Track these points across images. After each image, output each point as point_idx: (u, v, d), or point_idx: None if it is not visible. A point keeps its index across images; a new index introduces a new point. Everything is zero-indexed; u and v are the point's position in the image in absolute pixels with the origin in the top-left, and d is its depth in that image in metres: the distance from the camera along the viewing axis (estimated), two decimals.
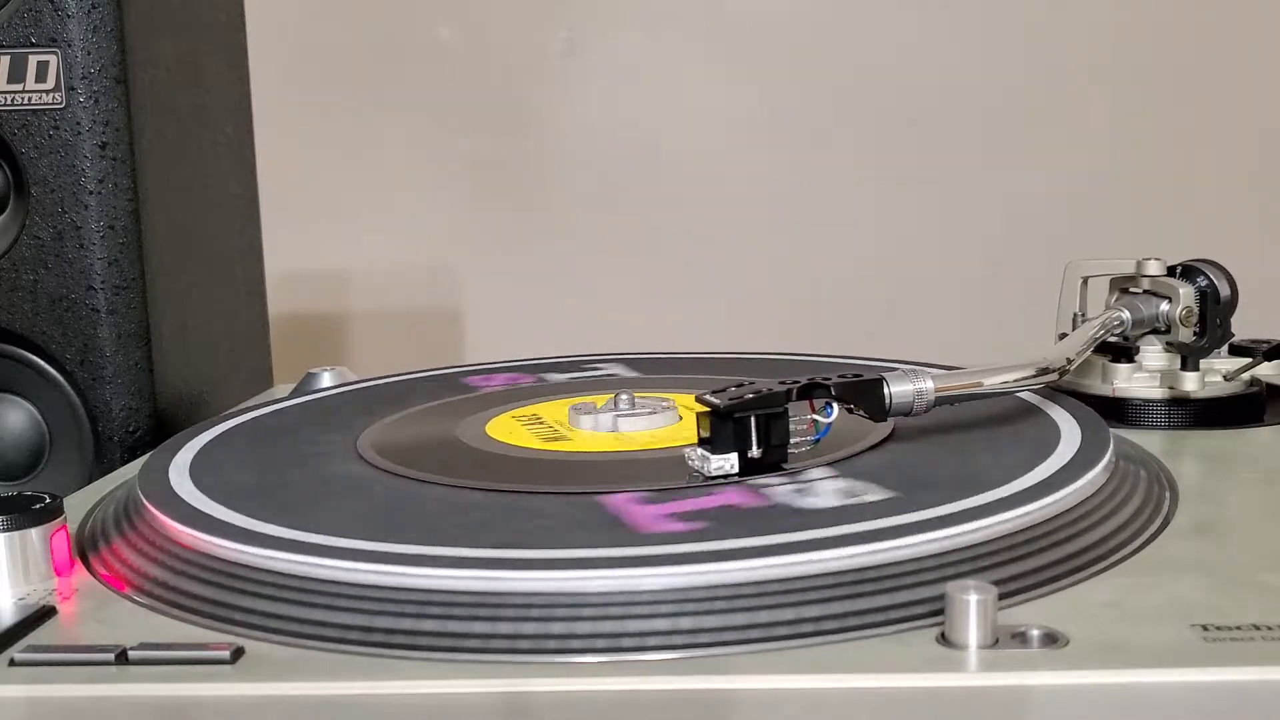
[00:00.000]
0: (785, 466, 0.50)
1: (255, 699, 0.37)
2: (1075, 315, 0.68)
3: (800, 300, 1.23)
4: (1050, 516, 0.45)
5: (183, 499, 0.50)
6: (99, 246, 0.71)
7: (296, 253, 1.15)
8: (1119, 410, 0.64)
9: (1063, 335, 0.67)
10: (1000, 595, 0.38)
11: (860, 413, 0.52)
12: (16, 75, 0.70)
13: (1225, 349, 0.66)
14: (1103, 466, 0.49)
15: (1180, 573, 0.43)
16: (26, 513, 0.45)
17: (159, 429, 0.73)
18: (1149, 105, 1.20)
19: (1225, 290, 0.64)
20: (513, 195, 1.24)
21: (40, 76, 0.70)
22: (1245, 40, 1.19)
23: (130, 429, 0.72)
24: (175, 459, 0.56)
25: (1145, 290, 0.66)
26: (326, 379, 0.75)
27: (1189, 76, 1.20)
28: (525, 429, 0.60)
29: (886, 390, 0.52)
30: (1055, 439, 0.53)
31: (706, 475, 0.49)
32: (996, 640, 0.37)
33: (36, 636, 0.41)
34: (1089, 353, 0.62)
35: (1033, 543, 0.43)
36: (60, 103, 0.70)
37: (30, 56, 0.70)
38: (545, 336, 1.18)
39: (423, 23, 1.23)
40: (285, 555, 0.43)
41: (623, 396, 0.60)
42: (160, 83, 0.76)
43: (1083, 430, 0.54)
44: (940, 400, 0.53)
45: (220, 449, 0.59)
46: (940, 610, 0.38)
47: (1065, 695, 0.35)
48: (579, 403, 0.61)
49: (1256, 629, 0.38)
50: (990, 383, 0.55)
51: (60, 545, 0.46)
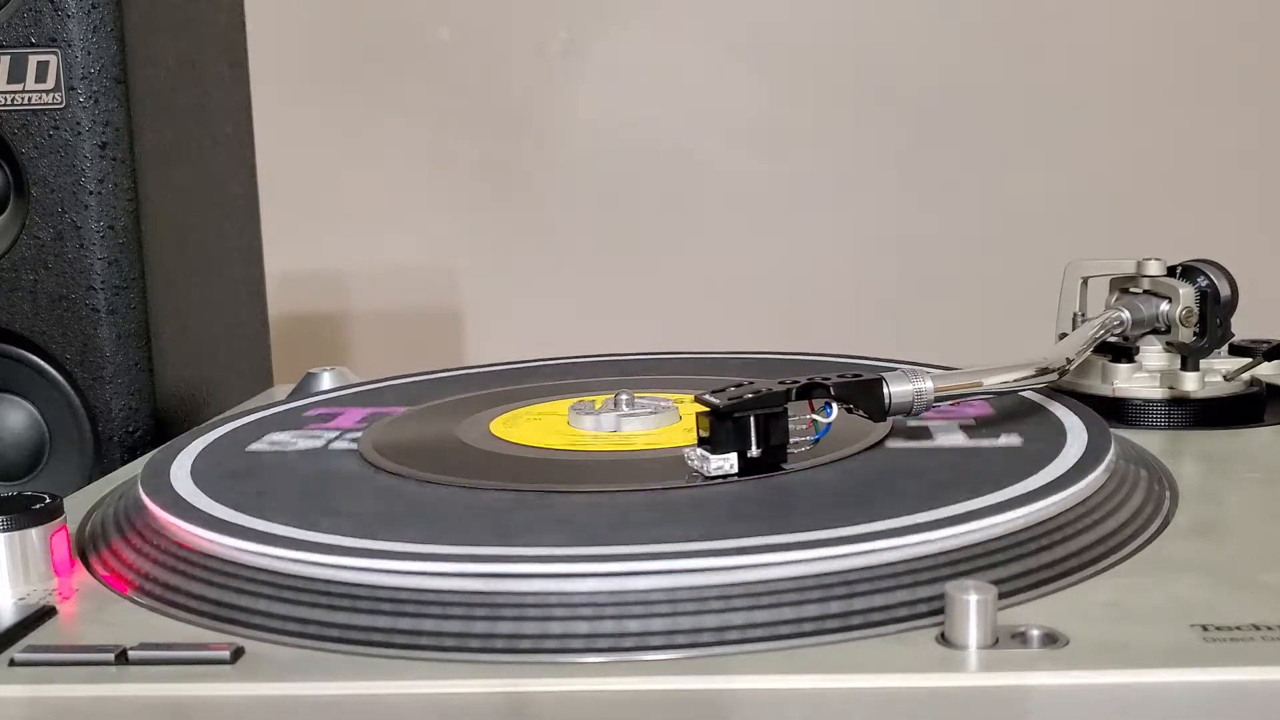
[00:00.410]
0: (784, 467, 0.50)
1: (255, 699, 0.37)
2: (1075, 315, 0.68)
3: (800, 300, 1.23)
4: (1050, 516, 0.45)
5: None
6: (99, 246, 0.71)
7: (296, 253, 1.15)
8: (1119, 410, 0.64)
9: (1063, 335, 0.67)
10: (1000, 595, 0.38)
11: (860, 413, 0.52)
12: (16, 75, 0.70)
13: (1225, 349, 0.66)
14: (1103, 467, 0.49)
15: (1180, 573, 0.43)
16: (26, 513, 0.45)
17: (159, 429, 0.73)
18: (1148, 105, 1.20)
19: (1225, 290, 0.64)
20: (512, 195, 1.24)
21: (40, 76, 0.70)
22: (1245, 40, 1.19)
23: (130, 429, 0.72)
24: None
25: (1145, 290, 0.65)
26: (326, 379, 0.75)
27: (1189, 76, 1.20)
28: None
29: (886, 390, 0.52)
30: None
31: (706, 475, 0.49)
32: (996, 640, 0.37)
33: (36, 636, 0.41)
34: (1089, 353, 0.62)
35: (1033, 543, 0.43)
36: (60, 103, 0.70)
37: (30, 56, 0.70)
38: (545, 336, 1.19)
39: (423, 23, 1.23)
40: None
41: (623, 396, 0.60)
42: (160, 83, 0.76)
43: (1083, 431, 0.54)
44: (940, 400, 0.53)
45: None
46: (940, 610, 0.38)
47: (1065, 695, 0.35)
48: (579, 402, 0.61)
49: (1256, 629, 0.38)
50: (990, 383, 0.55)
51: (60, 545, 0.46)
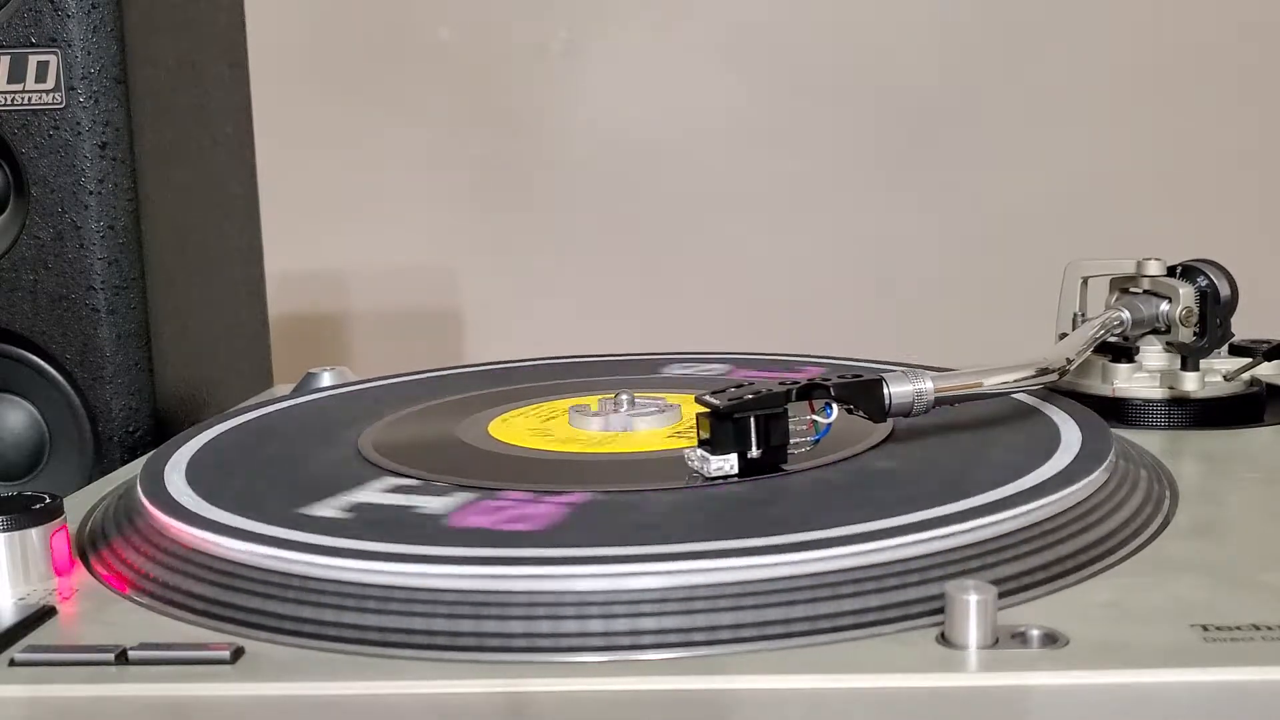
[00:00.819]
0: (784, 468, 0.50)
1: (255, 699, 0.37)
2: (1075, 315, 0.68)
3: (800, 300, 1.23)
4: (1050, 516, 0.45)
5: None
6: (99, 246, 0.71)
7: (296, 253, 1.15)
8: (1119, 410, 0.64)
9: (1063, 335, 0.67)
10: (1000, 595, 0.38)
11: (860, 413, 0.52)
12: (16, 75, 0.70)
13: (1225, 349, 0.66)
14: (1103, 467, 0.49)
15: (1180, 573, 0.43)
16: (26, 513, 0.45)
17: (159, 429, 0.73)
18: (1148, 105, 1.20)
19: (1225, 290, 0.64)
20: (512, 195, 1.24)
21: (40, 76, 0.70)
22: (1245, 40, 1.19)
23: (130, 429, 0.72)
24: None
25: (1145, 290, 0.66)
26: (326, 379, 0.75)
27: (1188, 76, 1.20)
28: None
29: (886, 391, 0.52)
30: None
31: (706, 476, 0.49)
32: (996, 640, 0.37)
33: (36, 636, 0.41)
34: (1089, 353, 0.62)
35: (1033, 543, 0.43)
36: (60, 103, 0.70)
37: (30, 56, 0.70)
38: (545, 336, 1.19)
39: (423, 23, 1.23)
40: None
41: (623, 396, 0.60)
42: (160, 83, 0.76)
43: (1083, 430, 0.54)
44: (940, 401, 0.53)
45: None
46: (940, 610, 0.38)
47: (1065, 695, 0.35)
48: (580, 403, 0.61)
49: (1256, 629, 0.38)
50: (990, 383, 0.55)
51: (60, 545, 0.46)
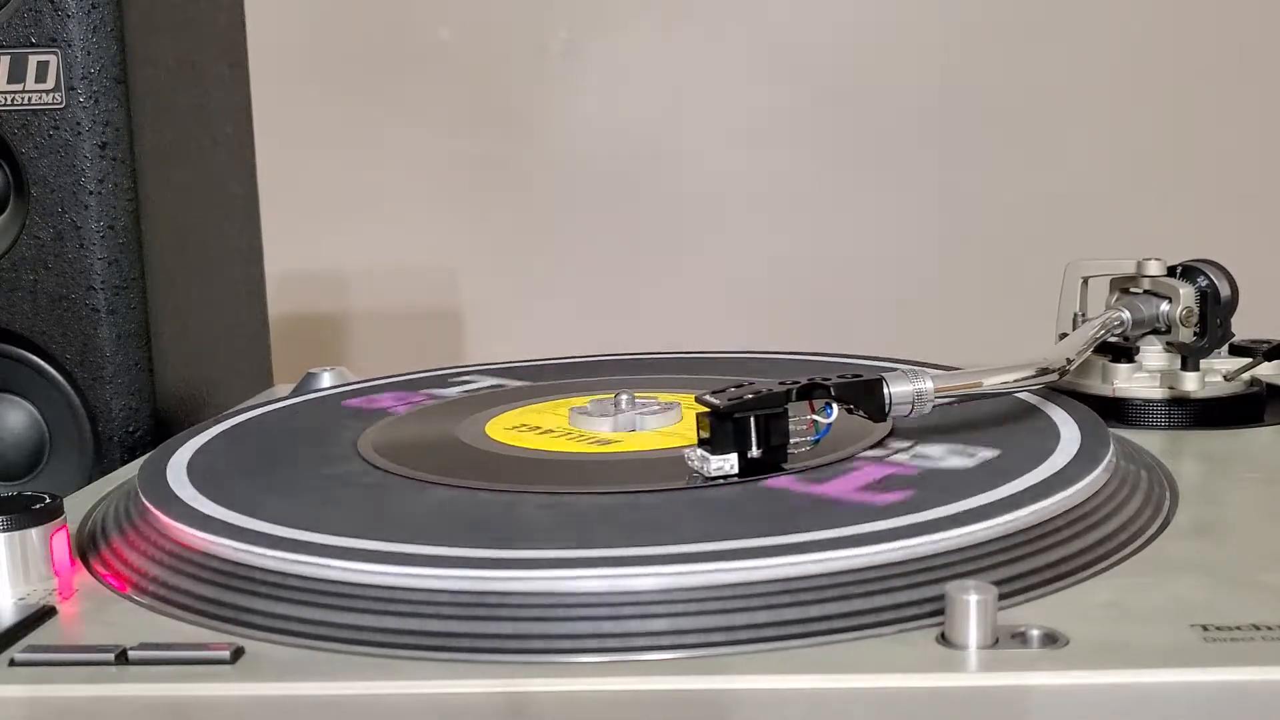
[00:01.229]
0: (785, 467, 0.50)
1: (255, 699, 0.37)
2: (1075, 315, 0.68)
3: (800, 300, 1.23)
4: (1050, 517, 0.45)
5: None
6: (99, 246, 0.71)
7: (296, 253, 1.15)
8: (1119, 410, 0.64)
9: (1063, 335, 0.67)
10: (1000, 595, 0.38)
11: (860, 413, 0.52)
12: (16, 75, 0.70)
13: (1225, 349, 0.66)
14: (1103, 467, 0.49)
15: (1180, 573, 0.43)
16: (26, 513, 0.45)
17: (159, 429, 0.73)
18: (1149, 105, 1.20)
19: (1225, 290, 0.64)
20: (513, 195, 1.24)
21: (40, 76, 0.70)
22: (1245, 40, 1.19)
23: (130, 429, 0.72)
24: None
25: (1145, 290, 0.66)
26: (326, 379, 0.75)
27: (1189, 76, 1.20)
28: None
29: (886, 390, 0.52)
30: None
31: (706, 476, 0.49)
32: (996, 640, 0.37)
33: (36, 636, 0.41)
34: (1089, 353, 0.62)
35: (1033, 543, 0.43)
36: (60, 103, 0.70)
37: (30, 56, 0.70)
38: (545, 336, 1.19)
39: (423, 23, 1.23)
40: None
41: (623, 396, 0.60)
42: (160, 83, 0.75)
43: (1083, 431, 0.54)
44: (940, 400, 0.53)
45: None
46: (940, 610, 0.38)
47: (1065, 695, 0.35)
48: (579, 402, 0.61)
49: (1256, 629, 0.38)
50: (990, 383, 0.55)
51: (60, 545, 0.46)
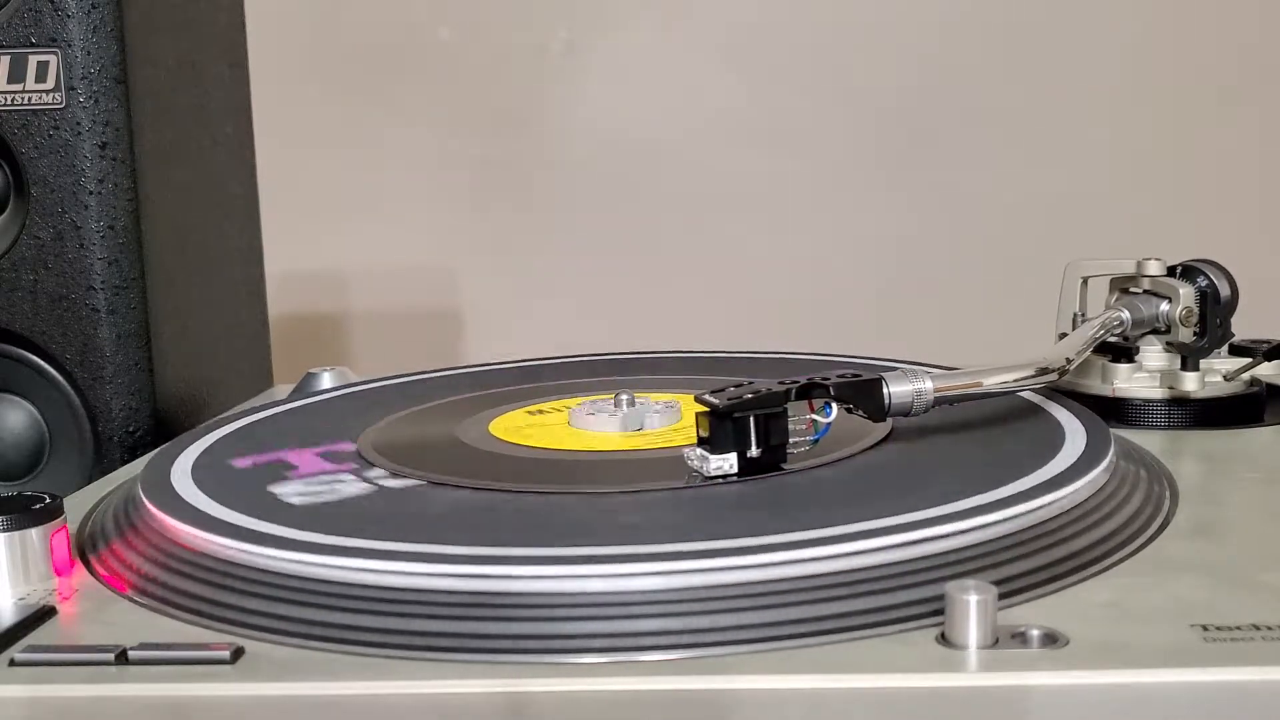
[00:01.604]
0: (784, 467, 0.50)
1: (255, 699, 0.37)
2: (1075, 315, 0.68)
3: (800, 300, 1.23)
4: (1050, 516, 0.45)
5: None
6: (99, 246, 0.71)
7: (296, 253, 1.15)
8: (1119, 410, 0.64)
9: (1063, 335, 0.67)
10: (1000, 595, 0.38)
11: (859, 413, 0.52)
12: (16, 75, 0.70)
13: (1225, 349, 0.66)
14: (1103, 467, 0.49)
15: (1180, 573, 0.43)
16: (26, 513, 0.45)
17: (159, 429, 0.73)
18: (1148, 105, 1.20)
19: (1225, 290, 0.64)
20: (513, 195, 1.24)
21: (40, 76, 0.70)
22: (1245, 40, 1.19)
23: (130, 429, 0.72)
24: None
25: (1145, 290, 0.65)
26: (326, 379, 0.75)
27: (1189, 76, 1.20)
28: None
29: (885, 390, 0.52)
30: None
31: (705, 475, 0.49)
32: (996, 640, 0.37)
33: (36, 636, 0.41)
34: (1089, 353, 0.62)
35: (1033, 543, 0.43)
36: (60, 103, 0.70)
37: (30, 56, 0.70)
38: (545, 336, 1.19)
39: (423, 23, 1.23)
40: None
41: (623, 396, 0.60)
42: (160, 83, 0.75)
43: (1083, 431, 0.54)
44: (939, 400, 0.53)
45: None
46: (940, 610, 0.38)
47: (1065, 695, 0.35)
48: (580, 402, 0.61)
49: (1256, 629, 0.38)
50: (990, 383, 0.55)
51: (60, 545, 0.46)
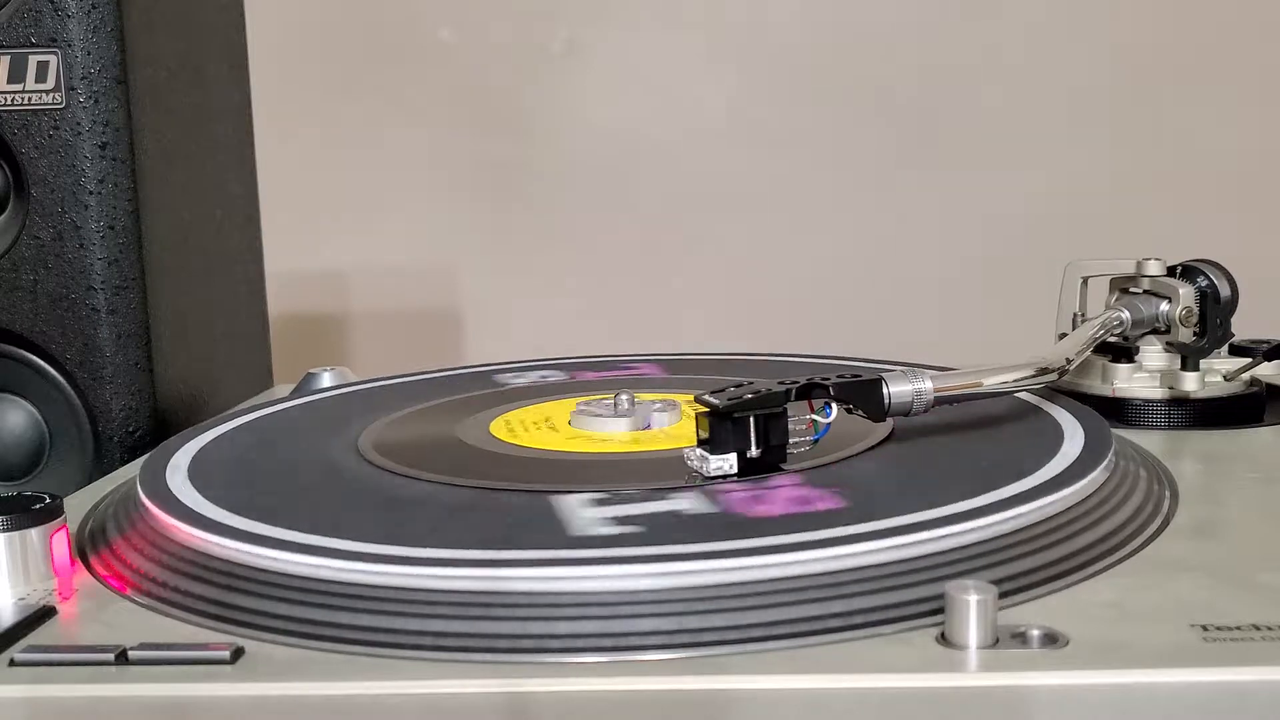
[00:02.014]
0: (784, 467, 0.50)
1: (255, 699, 0.37)
2: (1075, 315, 0.68)
3: (799, 300, 1.23)
4: (1050, 516, 0.45)
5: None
6: (99, 246, 0.71)
7: (296, 253, 1.15)
8: (1119, 410, 0.64)
9: (1063, 335, 0.67)
10: (1000, 595, 0.38)
11: (859, 413, 0.52)
12: (16, 75, 0.70)
13: (1225, 349, 0.66)
14: (1103, 467, 0.49)
15: (1180, 573, 0.43)
16: (26, 513, 0.45)
17: (159, 429, 0.73)
18: (1148, 105, 1.20)
19: (1225, 290, 0.64)
20: (513, 195, 1.24)
21: (40, 76, 0.70)
22: (1245, 39, 1.19)
23: (130, 429, 0.72)
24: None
25: (1145, 290, 0.66)
26: (326, 379, 0.75)
27: (1189, 76, 1.20)
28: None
29: (885, 390, 0.52)
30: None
31: (705, 475, 0.49)
32: (996, 640, 0.37)
33: (36, 636, 0.41)
34: (1089, 353, 0.62)
35: (1033, 543, 0.43)
36: (60, 103, 0.70)
37: (30, 56, 0.70)
38: (545, 337, 1.19)
39: (423, 23, 1.23)
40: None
41: (623, 397, 0.60)
42: (160, 83, 0.75)
43: (1083, 431, 0.54)
44: (939, 400, 0.53)
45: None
46: (940, 610, 0.38)
47: (1065, 695, 0.35)
48: (580, 402, 0.61)
49: (1256, 629, 0.38)
50: (990, 383, 0.55)
51: (60, 545, 0.46)
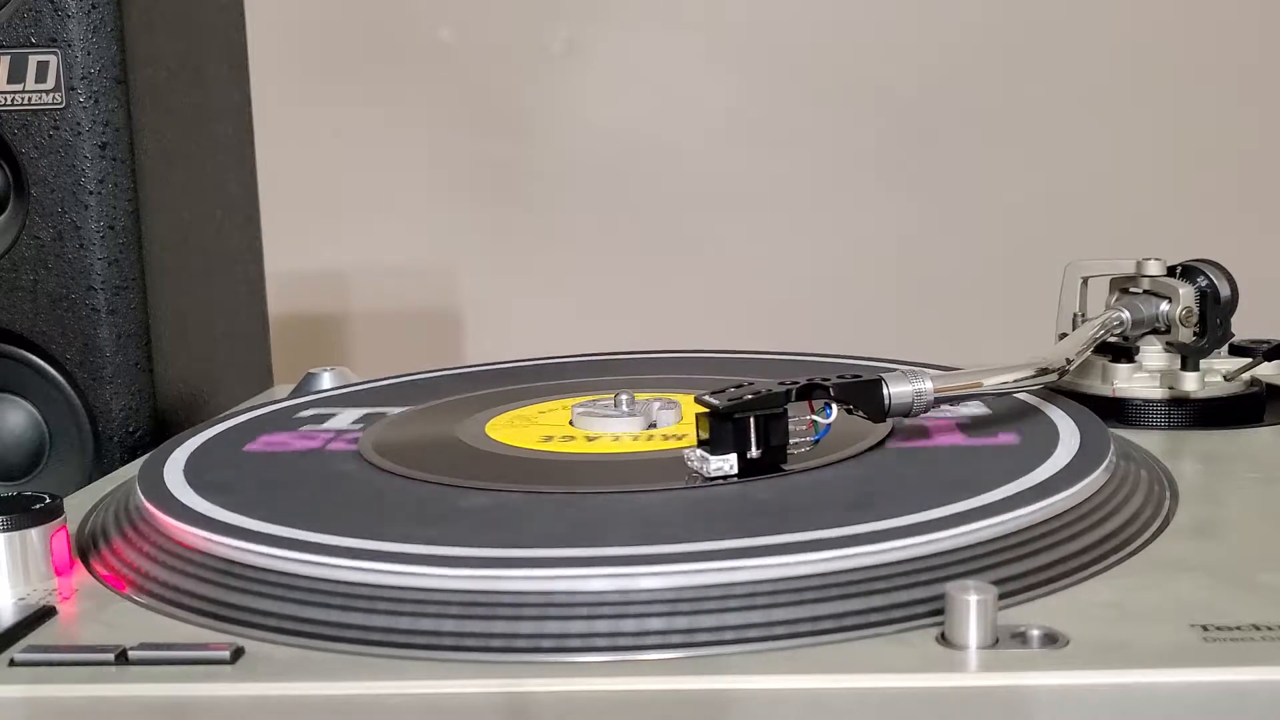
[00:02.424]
0: (784, 468, 0.50)
1: (255, 699, 0.37)
2: (1075, 315, 0.68)
3: (800, 300, 1.23)
4: (1050, 516, 0.45)
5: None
6: (99, 246, 0.71)
7: (296, 253, 1.15)
8: (1119, 410, 0.64)
9: (1063, 335, 0.67)
10: (1000, 595, 0.38)
11: (859, 413, 0.52)
12: (16, 75, 0.70)
13: (1225, 349, 0.66)
14: (1103, 467, 0.49)
15: (1180, 573, 0.43)
16: (26, 513, 0.45)
17: (159, 429, 0.73)
18: (1148, 105, 1.20)
19: (1225, 290, 0.64)
20: (512, 195, 1.24)
21: (40, 76, 0.70)
22: (1245, 39, 1.19)
23: (130, 429, 0.72)
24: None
25: (1145, 290, 0.65)
26: (326, 379, 0.75)
27: (1189, 76, 1.20)
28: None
29: (885, 391, 0.52)
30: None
31: (705, 476, 0.49)
32: (996, 640, 0.37)
33: (36, 636, 0.41)
34: (1089, 353, 0.62)
35: (1033, 543, 0.43)
36: (60, 103, 0.70)
37: (30, 56, 0.70)
38: (545, 336, 1.18)
39: (423, 23, 1.23)
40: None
41: (623, 396, 0.60)
42: (160, 83, 0.75)
43: (1082, 431, 0.54)
44: (940, 400, 0.53)
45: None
46: (940, 610, 0.38)
47: (1065, 695, 0.35)
48: (579, 402, 0.61)
49: (1256, 629, 0.38)
50: (990, 383, 0.55)
51: (60, 545, 0.46)
